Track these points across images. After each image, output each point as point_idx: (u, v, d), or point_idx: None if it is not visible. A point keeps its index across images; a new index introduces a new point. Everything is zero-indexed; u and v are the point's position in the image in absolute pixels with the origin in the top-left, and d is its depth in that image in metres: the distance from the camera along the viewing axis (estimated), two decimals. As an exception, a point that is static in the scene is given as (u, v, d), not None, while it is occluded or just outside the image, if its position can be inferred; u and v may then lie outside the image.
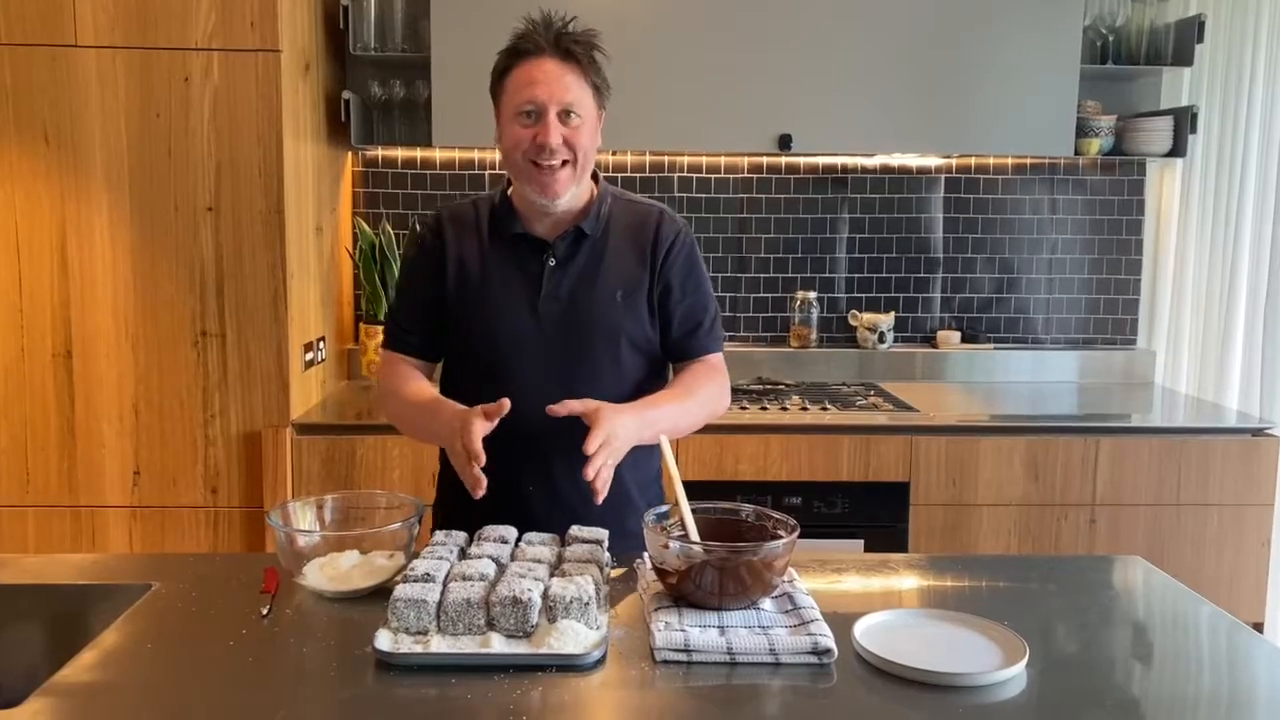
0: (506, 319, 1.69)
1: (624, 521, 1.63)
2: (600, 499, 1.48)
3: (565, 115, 1.60)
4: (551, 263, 1.70)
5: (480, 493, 1.48)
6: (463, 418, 1.52)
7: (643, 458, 1.73)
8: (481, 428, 1.49)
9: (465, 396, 1.66)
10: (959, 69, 2.88)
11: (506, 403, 1.50)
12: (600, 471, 1.48)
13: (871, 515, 2.69)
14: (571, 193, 1.66)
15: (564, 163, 1.62)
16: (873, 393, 3.05)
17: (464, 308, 1.72)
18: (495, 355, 1.70)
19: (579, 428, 1.52)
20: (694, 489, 1.49)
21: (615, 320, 1.70)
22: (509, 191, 1.75)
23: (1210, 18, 3.04)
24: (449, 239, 1.74)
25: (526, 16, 1.65)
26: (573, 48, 1.61)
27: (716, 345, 1.80)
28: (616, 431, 1.51)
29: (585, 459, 1.47)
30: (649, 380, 1.77)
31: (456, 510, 1.73)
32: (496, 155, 3.20)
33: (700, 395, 1.73)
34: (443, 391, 1.76)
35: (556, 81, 1.59)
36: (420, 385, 1.73)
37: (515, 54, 1.62)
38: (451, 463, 1.56)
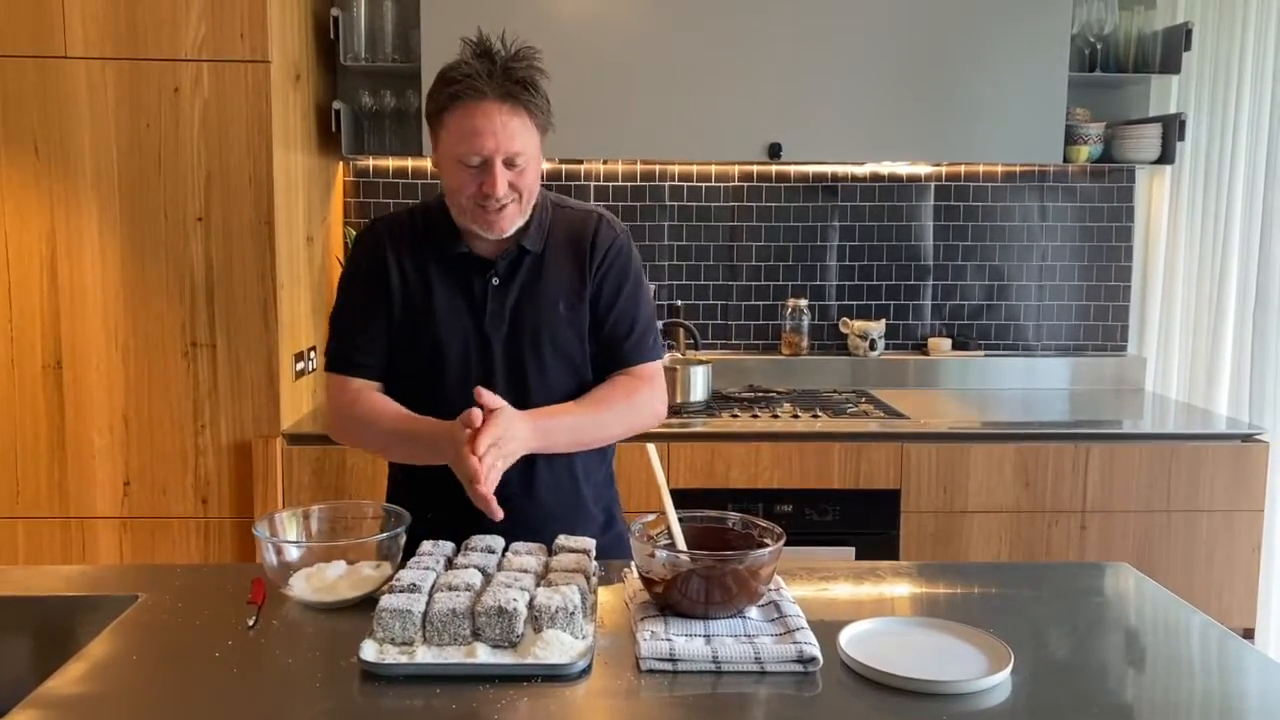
0: (454, 340, 1.66)
1: (577, 530, 1.61)
2: (491, 505, 1.45)
3: (510, 162, 1.56)
4: (495, 282, 1.67)
5: (499, 516, 1.47)
6: (455, 439, 1.51)
7: (594, 466, 1.74)
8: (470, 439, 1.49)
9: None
10: (948, 77, 2.89)
11: (478, 414, 1.49)
12: (489, 473, 1.45)
13: (863, 523, 2.70)
14: (516, 224, 1.64)
15: (510, 202, 1.59)
16: (864, 400, 3.05)
17: (409, 328, 1.68)
18: (444, 376, 1.67)
19: None
20: (685, 497, 1.50)
21: (562, 333, 1.68)
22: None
23: (1198, 26, 3.06)
24: (389, 254, 1.68)
25: (464, 40, 1.58)
26: (516, 90, 1.54)
27: (645, 356, 1.73)
28: (509, 434, 1.50)
29: (532, 469, 1.53)
30: None
31: (410, 530, 1.68)
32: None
33: (613, 407, 1.68)
34: None
35: (502, 130, 1.53)
36: (395, 408, 1.67)
37: (455, 97, 1.54)
38: (467, 489, 1.53)
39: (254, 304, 2.56)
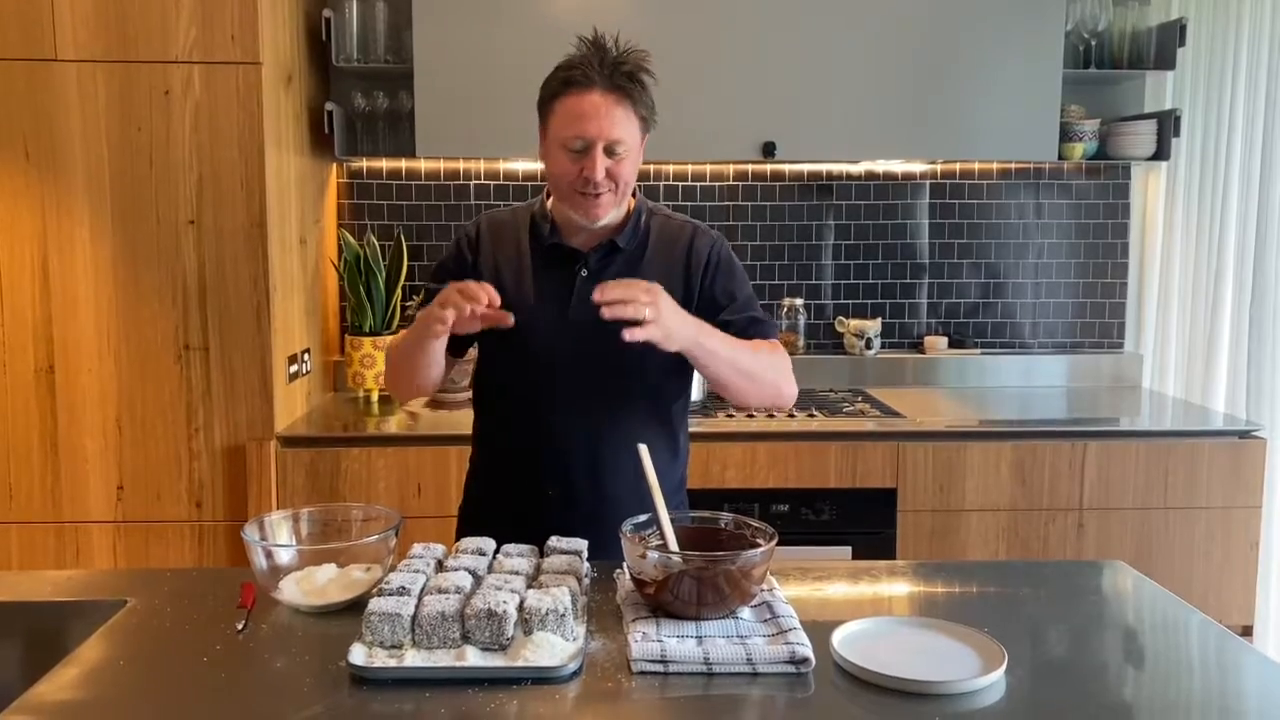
0: (539, 325, 1.71)
1: None
2: (608, 313, 1.49)
3: (610, 149, 1.63)
4: (584, 273, 1.73)
5: (441, 329, 1.55)
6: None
7: (666, 466, 1.75)
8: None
9: (498, 402, 1.74)
10: (942, 75, 2.88)
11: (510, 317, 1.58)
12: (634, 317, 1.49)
13: (859, 522, 2.68)
14: (612, 214, 1.71)
15: (606, 190, 1.66)
16: (860, 399, 3.04)
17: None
18: (527, 361, 1.73)
19: (602, 434, 1.67)
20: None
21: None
22: (549, 201, 1.78)
23: (1192, 21, 3.05)
24: (486, 245, 1.78)
25: (580, 38, 1.66)
26: (624, 83, 1.64)
27: (773, 335, 1.79)
28: (669, 305, 1.54)
29: (605, 466, 1.59)
30: (678, 391, 1.81)
31: (480, 514, 1.80)
32: (480, 165, 3.20)
33: (762, 356, 1.70)
34: (475, 397, 1.84)
35: (605, 117, 1.62)
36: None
37: (567, 83, 1.64)
38: (419, 332, 1.60)
39: (247, 307, 2.55)
